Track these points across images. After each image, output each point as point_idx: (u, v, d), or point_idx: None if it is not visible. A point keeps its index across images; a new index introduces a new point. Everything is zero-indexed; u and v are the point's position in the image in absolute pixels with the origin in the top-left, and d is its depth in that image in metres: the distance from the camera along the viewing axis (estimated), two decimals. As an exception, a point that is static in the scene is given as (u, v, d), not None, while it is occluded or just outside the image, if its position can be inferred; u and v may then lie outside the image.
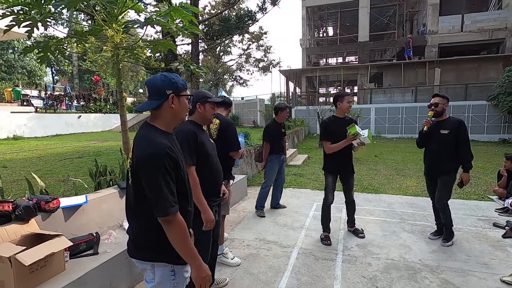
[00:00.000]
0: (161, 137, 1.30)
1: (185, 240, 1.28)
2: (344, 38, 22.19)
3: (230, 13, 8.53)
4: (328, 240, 3.33)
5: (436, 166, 3.21)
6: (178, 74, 4.41)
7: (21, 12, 2.64)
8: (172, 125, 1.42)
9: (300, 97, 21.19)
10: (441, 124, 3.15)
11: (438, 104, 3.14)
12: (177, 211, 1.25)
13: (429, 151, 3.28)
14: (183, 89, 1.38)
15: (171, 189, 1.24)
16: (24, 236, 2.03)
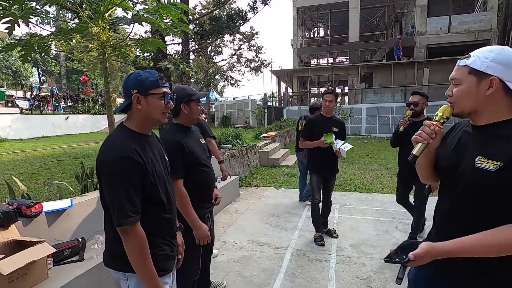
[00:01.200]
0: (128, 140, 1.20)
1: (141, 255, 1.16)
2: (335, 38, 22.37)
3: (221, 12, 8.46)
4: (321, 240, 3.30)
5: (412, 171, 3.09)
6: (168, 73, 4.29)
7: (0, 8, 2.52)
8: (146, 126, 1.30)
9: (291, 97, 21.26)
10: (419, 126, 3.01)
11: (418, 104, 2.92)
12: (136, 222, 1.14)
13: (404, 154, 3.02)
14: (152, 87, 1.24)
15: (131, 197, 1.14)
16: (3, 244, 1.92)
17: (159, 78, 1.27)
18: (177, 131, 1.85)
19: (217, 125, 19.90)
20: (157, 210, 1.28)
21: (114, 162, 1.14)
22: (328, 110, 3.24)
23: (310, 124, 3.30)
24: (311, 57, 26.15)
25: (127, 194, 1.13)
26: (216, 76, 19.36)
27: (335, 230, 3.54)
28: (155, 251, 1.26)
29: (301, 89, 21.37)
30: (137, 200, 1.16)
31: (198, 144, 1.95)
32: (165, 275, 1.32)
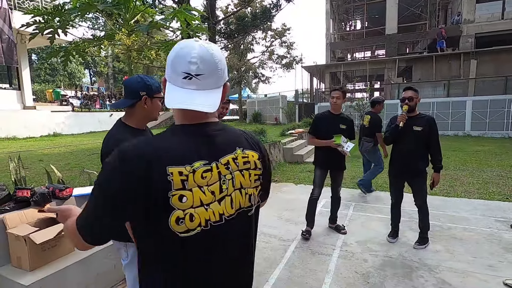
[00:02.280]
0: (125, 135, 1.44)
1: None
2: (372, 31, 21.37)
3: (247, 11, 8.61)
4: (307, 234, 3.35)
5: (409, 167, 2.99)
6: None
7: (42, 21, 2.96)
8: (143, 123, 1.59)
9: (323, 93, 20.82)
10: (414, 121, 2.92)
11: (413, 98, 2.91)
12: None
13: (400, 149, 3.01)
14: (157, 91, 1.52)
15: None
16: (40, 219, 2.31)
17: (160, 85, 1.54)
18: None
19: (248, 121, 20.23)
20: None
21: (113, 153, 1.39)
22: (336, 107, 3.25)
23: (316, 121, 3.35)
24: (346, 51, 25.28)
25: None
26: (246, 74, 19.64)
27: (344, 226, 3.55)
28: None
29: (334, 84, 20.83)
30: None
31: None
32: None
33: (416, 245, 3.08)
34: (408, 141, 2.93)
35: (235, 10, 8.35)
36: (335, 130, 3.18)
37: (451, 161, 7.74)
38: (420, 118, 2.96)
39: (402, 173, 3.09)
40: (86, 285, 2.28)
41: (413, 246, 3.09)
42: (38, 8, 2.91)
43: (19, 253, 2.09)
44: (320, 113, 3.43)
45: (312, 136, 3.38)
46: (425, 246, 3.08)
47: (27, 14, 3.05)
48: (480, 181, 5.68)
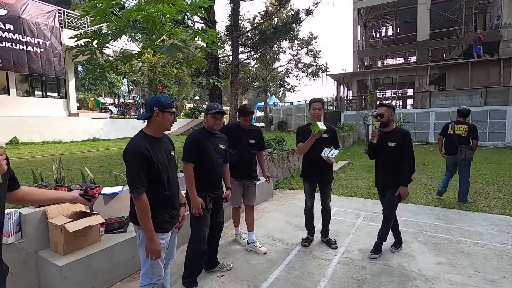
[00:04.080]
0: (143, 140, 1.85)
1: (142, 214, 1.79)
2: (403, 37, 20.77)
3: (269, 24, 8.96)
4: (306, 242, 3.46)
5: (385, 180, 3.16)
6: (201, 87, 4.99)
7: (83, 44, 3.49)
8: (158, 132, 1.96)
9: (350, 102, 20.52)
10: (388, 136, 3.06)
11: (384, 115, 3.03)
12: (141, 192, 1.78)
13: (378, 163, 3.23)
14: (168, 107, 1.90)
15: (139, 176, 1.78)
16: (73, 212, 2.75)
17: (172, 102, 1.96)
18: (202, 132, 2.62)
19: (273, 129, 20.49)
20: (159, 188, 1.91)
21: (130, 154, 1.82)
22: (317, 117, 3.22)
23: (298, 133, 3.41)
24: (375, 58, 24.75)
25: (137, 174, 1.78)
26: (271, 83, 19.98)
27: (335, 241, 3.45)
28: (156, 215, 1.89)
29: (362, 92, 20.47)
30: (143, 178, 1.79)
31: (214, 146, 2.61)
32: (163, 232, 1.95)
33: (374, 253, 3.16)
34: (383, 156, 3.12)
35: (256, 25, 8.75)
36: (317, 140, 3.15)
37: (480, 174, 7.36)
38: (395, 133, 3.07)
39: (379, 185, 3.29)
40: (108, 271, 2.66)
41: (391, 249, 3.29)
42: (80, 34, 3.44)
43: (56, 239, 2.51)
44: (303, 125, 3.50)
45: (298, 143, 3.34)
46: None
47: (73, 32, 3.63)
48: (508, 195, 5.40)
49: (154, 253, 1.84)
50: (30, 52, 10.97)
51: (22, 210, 2.55)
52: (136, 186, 1.77)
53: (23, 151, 9.28)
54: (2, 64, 10.27)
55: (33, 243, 2.52)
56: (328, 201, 3.43)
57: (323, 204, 3.44)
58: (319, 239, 3.60)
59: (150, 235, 1.83)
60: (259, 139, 3.44)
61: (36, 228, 2.55)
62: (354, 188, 6.23)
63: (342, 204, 5.11)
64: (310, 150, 3.23)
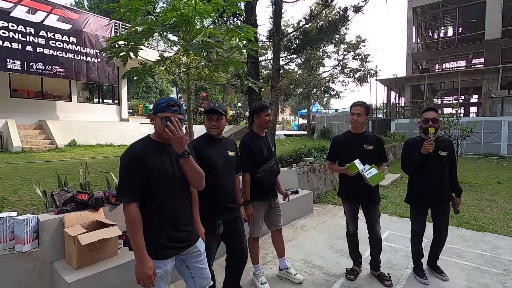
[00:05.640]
0: (142, 143, 1.59)
1: (130, 228, 1.49)
2: (466, 37, 18.51)
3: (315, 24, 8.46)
4: (352, 274, 2.83)
5: (435, 195, 2.71)
6: (235, 89, 4.67)
7: (116, 46, 3.41)
8: (160, 138, 1.62)
9: (403, 109, 18.79)
10: (438, 145, 2.63)
11: (437, 120, 2.64)
12: (129, 201, 1.49)
13: (424, 176, 2.71)
14: (158, 111, 1.58)
15: (127, 182, 1.51)
16: (92, 222, 2.56)
17: (169, 105, 1.57)
18: (203, 139, 2.19)
19: (316, 137, 19.63)
20: (155, 202, 1.57)
21: (122, 156, 1.55)
22: (357, 126, 2.68)
23: (334, 143, 2.83)
24: (433, 61, 22.48)
25: (124, 179, 1.52)
26: (314, 89, 19.20)
27: (389, 276, 2.78)
28: (149, 236, 1.55)
29: (416, 99, 18.62)
30: (132, 186, 1.50)
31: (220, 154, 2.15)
32: (159, 260, 1.57)
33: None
34: (433, 167, 2.68)
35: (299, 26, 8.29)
36: (357, 153, 2.61)
37: None
38: (443, 141, 2.73)
39: (429, 202, 2.78)
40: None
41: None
42: (115, 36, 3.38)
43: (70, 251, 2.33)
44: (339, 134, 2.91)
45: (331, 162, 2.86)
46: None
47: (108, 41, 3.60)
48: None
49: (144, 278, 1.48)
50: (88, 62, 11.97)
51: (40, 216, 2.42)
52: (121, 194, 1.54)
53: (78, 153, 10.00)
54: (65, 73, 11.33)
55: (49, 253, 2.37)
56: (377, 227, 2.76)
57: (370, 231, 2.79)
58: (368, 271, 2.96)
59: (139, 254, 1.49)
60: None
61: (52, 236, 2.40)
62: (409, 207, 5.33)
63: (396, 227, 4.33)
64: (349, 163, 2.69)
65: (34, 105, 12.01)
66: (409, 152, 2.77)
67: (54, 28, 10.95)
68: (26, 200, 3.61)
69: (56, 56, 10.98)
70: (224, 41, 3.70)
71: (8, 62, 9.88)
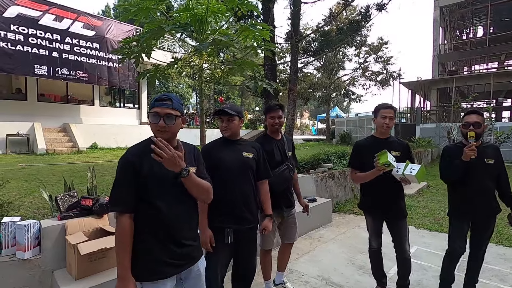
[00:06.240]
0: (141, 147, 1.41)
1: (118, 242, 1.33)
2: (499, 37, 17.38)
3: (333, 26, 8.18)
4: None
5: (480, 209, 2.36)
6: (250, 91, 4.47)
7: (127, 47, 3.33)
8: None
9: (428, 113, 17.87)
10: (482, 152, 2.33)
11: (480, 124, 2.32)
12: (121, 212, 1.33)
13: (471, 188, 2.36)
14: (151, 107, 1.42)
15: (120, 191, 1.35)
16: (95, 229, 2.44)
17: (158, 99, 1.41)
18: (217, 141, 2.09)
19: (335, 142, 19.07)
20: (151, 212, 1.39)
21: (119, 161, 1.40)
22: (386, 130, 2.40)
23: (357, 149, 2.52)
24: (461, 63, 21.32)
25: (119, 187, 1.36)
26: (334, 93, 18.69)
27: None
28: (145, 251, 1.37)
29: (442, 102, 17.66)
30: (125, 194, 1.34)
31: (234, 157, 2.00)
32: (155, 280, 1.37)
33: None
34: (480, 177, 2.36)
35: (320, 26, 8.04)
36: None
37: None
38: (488, 148, 2.43)
39: (473, 216, 2.42)
40: (123, 304, 2.24)
41: None
42: (125, 39, 3.31)
43: (70, 260, 2.21)
44: (362, 139, 2.60)
45: (354, 170, 2.51)
46: None
47: (120, 43, 3.54)
48: None
49: None
50: (110, 67, 12.30)
51: (43, 222, 2.33)
52: (114, 203, 1.36)
53: (98, 155, 10.22)
54: (88, 78, 11.69)
55: (50, 261, 2.26)
56: (406, 246, 2.43)
57: (398, 250, 2.47)
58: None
59: (121, 273, 1.31)
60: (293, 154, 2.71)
61: (54, 243, 2.30)
62: (439, 219, 4.90)
63: (424, 242, 3.94)
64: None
65: (59, 109, 12.47)
66: (448, 159, 2.44)
67: (79, 34, 11.35)
68: (39, 203, 3.59)
69: (80, 61, 11.36)
70: (238, 40, 3.53)
71: (36, 67, 10.31)
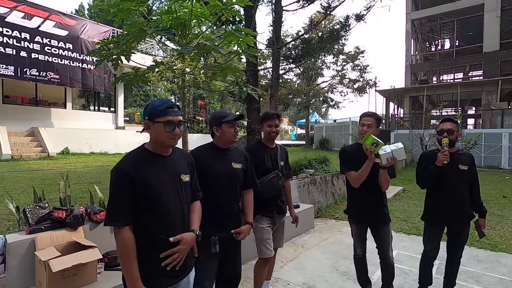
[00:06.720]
0: (135, 157, 1.37)
1: (123, 256, 1.28)
2: (464, 50, 18.63)
3: (314, 35, 8.38)
4: None
5: (455, 214, 2.44)
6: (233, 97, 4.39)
7: (105, 49, 3.18)
8: (159, 148, 1.43)
9: (402, 120, 18.70)
10: (456, 158, 2.44)
11: (453, 131, 2.40)
12: (122, 226, 1.27)
13: (442, 193, 2.47)
14: (159, 115, 1.37)
15: (120, 204, 1.29)
16: (69, 243, 2.27)
17: (169, 107, 1.38)
18: (206, 148, 1.99)
19: (315, 147, 19.41)
20: (149, 223, 1.35)
21: (113, 173, 1.34)
22: (361, 136, 2.38)
23: (345, 153, 2.54)
24: (430, 73, 22.58)
25: (117, 201, 1.30)
26: (313, 99, 19.09)
27: None
28: (143, 263, 1.32)
29: (414, 110, 18.56)
30: (126, 208, 1.29)
31: (223, 166, 1.93)
32: None
33: None
34: (452, 183, 2.45)
35: (300, 34, 8.22)
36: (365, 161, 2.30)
37: None
38: (462, 155, 2.53)
39: (447, 221, 2.51)
40: (99, 324, 2.09)
41: None
42: (103, 40, 3.15)
43: (40, 278, 2.03)
44: (347, 146, 2.64)
45: (349, 173, 2.42)
46: None
47: (98, 44, 3.37)
48: None
49: None
50: (84, 69, 11.77)
51: (8, 236, 2.13)
52: (113, 217, 1.31)
53: (70, 161, 9.66)
54: (60, 80, 11.10)
55: (16, 280, 2.06)
56: (389, 253, 2.45)
57: (381, 256, 2.49)
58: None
59: (132, 285, 1.26)
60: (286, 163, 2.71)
61: (21, 260, 2.10)
62: (416, 223, 5.06)
63: (404, 246, 4.04)
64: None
65: (27, 112, 11.70)
66: (424, 164, 2.52)
67: (50, 34, 10.77)
68: (4, 214, 3.30)
69: (51, 62, 10.77)
70: (223, 45, 3.48)
71: (1, 67, 9.64)
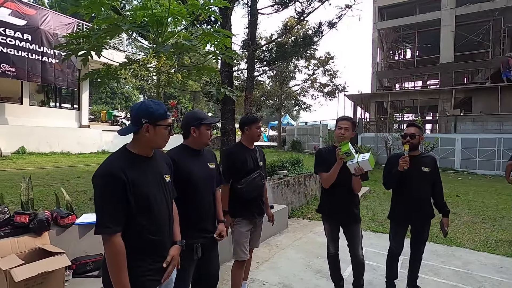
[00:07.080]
0: (121, 160, 1.34)
1: (115, 265, 1.25)
2: (423, 60, 20.12)
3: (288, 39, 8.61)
4: None
5: (421, 213, 2.64)
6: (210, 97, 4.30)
7: (74, 43, 3.00)
8: (147, 150, 1.44)
9: (368, 124, 19.69)
10: (419, 161, 2.62)
11: (416, 136, 2.57)
12: (113, 233, 1.24)
13: (408, 193, 2.64)
14: (160, 118, 1.39)
15: (111, 210, 1.25)
16: (33, 250, 2.11)
17: (166, 110, 1.43)
18: (181, 151, 1.92)
19: (287, 149, 19.78)
20: (140, 227, 1.34)
21: (100, 177, 1.29)
22: (341, 139, 2.47)
23: (320, 154, 2.65)
24: (394, 80, 24.05)
25: (107, 207, 1.26)
26: (286, 101, 19.50)
27: None
28: (132, 267, 1.30)
29: (379, 115, 19.64)
30: (116, 213, 1.27)
31: (201, 168, 1.90)
32: None
33: None
34: (417, 185, 2.62)
35: (274, 38, 8.38)
36: (343, 167, 2.42)
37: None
38: (426, 158, 2.71)
39: (410, 220, 2.71)
40: (67, 335, 1.96)
41: None
42: (72, 33, 2.97)
43: (0, 289, 1.86)
44: (323, 147, 2.81)
45: (321, 174, 2.56)
46: None
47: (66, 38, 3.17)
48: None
49: None
50: (45, 62, 10.94)
51: (-38, 245, 1.93)
52: (103, 225, 1.25)
53: (28, 161, 8.91)
54: (16, 73, 10.21)
55: (-30, 292, 1.87)
56: (359, 251, 2.57)
57: (352, 253, 2.61)
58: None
59: None
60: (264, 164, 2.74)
61: (-23, 270, 1.91)
62: (382, 222, 5.37)
63: (371, 243, 4.27)
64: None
65: (-24, 107, 10.63)
66: (389, 167, 2.71)
67: (5, 23, 9.87)
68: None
69: (6, 53, 9.87)
70: (200, 45, 3.44)
71: None
